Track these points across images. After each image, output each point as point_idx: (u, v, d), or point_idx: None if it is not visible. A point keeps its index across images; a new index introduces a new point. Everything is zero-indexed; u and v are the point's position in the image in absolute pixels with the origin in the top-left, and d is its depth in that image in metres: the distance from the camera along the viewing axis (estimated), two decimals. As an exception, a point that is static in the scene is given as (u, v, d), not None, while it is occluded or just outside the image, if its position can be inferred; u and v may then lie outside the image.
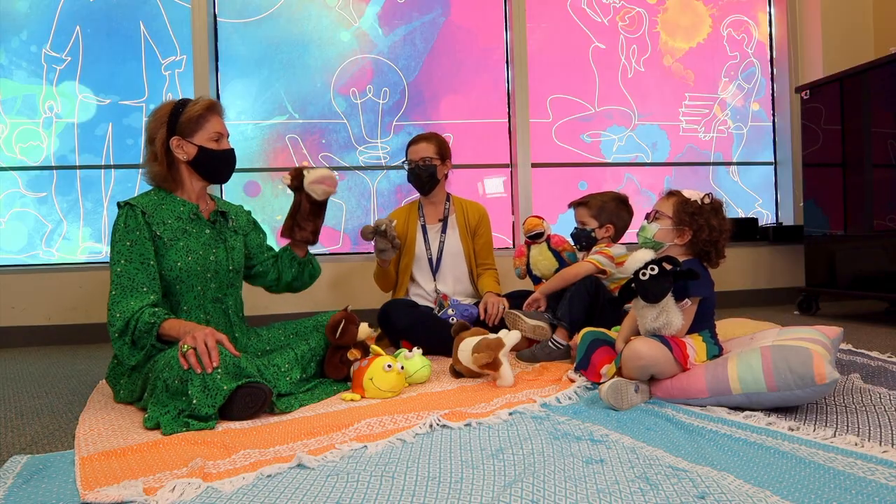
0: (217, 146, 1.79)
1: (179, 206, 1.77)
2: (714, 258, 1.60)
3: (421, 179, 2.47)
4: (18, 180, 3.25)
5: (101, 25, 3.30)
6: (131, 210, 1.69)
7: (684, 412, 1.39)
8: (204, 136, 1.76)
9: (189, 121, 1.74)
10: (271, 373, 1.70)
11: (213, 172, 1.82)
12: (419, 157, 2.46)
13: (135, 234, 1.67)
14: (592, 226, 2.23)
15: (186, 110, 1.74)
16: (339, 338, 1.77)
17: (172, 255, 1.71)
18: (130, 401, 1.68)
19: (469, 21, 3.64)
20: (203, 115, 1.76)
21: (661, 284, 1.42)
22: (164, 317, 1.60)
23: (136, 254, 1.65)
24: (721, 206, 1.62)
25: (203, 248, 1.77)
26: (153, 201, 1.75)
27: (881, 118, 2.83)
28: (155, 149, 1.74)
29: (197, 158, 1.76)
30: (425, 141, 2.48)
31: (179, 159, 1.76)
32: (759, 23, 4.00)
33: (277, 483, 1.06)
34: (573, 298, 2.06)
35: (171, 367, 1.48)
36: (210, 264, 1.78)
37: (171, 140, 1.74)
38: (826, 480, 0.99)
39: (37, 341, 3.09)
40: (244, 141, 3.44)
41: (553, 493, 0.97)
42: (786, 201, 3.96)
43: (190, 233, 1.76)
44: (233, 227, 1.91)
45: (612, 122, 3.80)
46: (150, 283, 1.65)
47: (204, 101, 1.78)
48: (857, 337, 2.39)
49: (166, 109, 1.76)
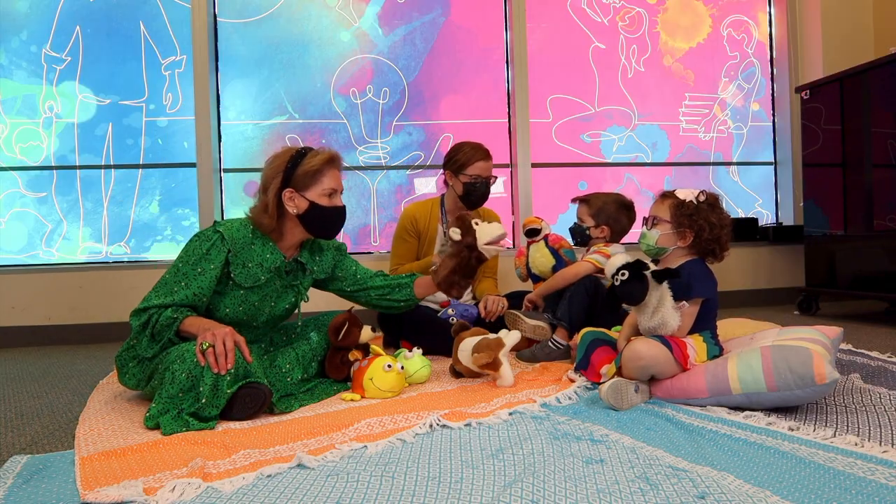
0: (329, 202, 1.72)
1: (268, 255, 1.71)
2: (718, 253, 1.59)
3: (484, 197, 2.40)
4: (18, 180, 3.25)
5: (101, 25, 3.30)
6: (221, 243, 1.64)
7: (684, 412, 1.39)
8: (318, 190, 1.70)
9: (305, 174, 1.68)
10: (273, 374, 1.70)
11: (321, 229, 1.76)
12: (488, 175, 2.38)
13: (208, 267, 1.62)
14: (589, 224, 2.23)
15: (305, 162, 1.69)
16: (341, 340, 1.76)
17: (227, 301, 1.68)
18: (134, 387, 1.66)
19: (469, 21, 3.64)
20: (321, 169, 1.69)
21: (636, 286, 1.45)
22: (186, 314, 1.59)
23: (195, 283, 1.60)
24: (717, 200, 1.60)
25: (262, 301, 1.73)
26: (246, 239, 1.68)
27: (881, 118, 2.83)
28: (267, 199, 1.68)
29: (307, 213, 1.70)
30: (490, 158, 2.40)
31: (289, 212, 1.70)
32: (759, 23, 4.00)
33: (277, 483, 1.06)
34: (573, 298, 2.06)
35: (184, 360, 1.46)
36: (260, 315, 1.75)
37: (284, 192, 1.68)
38: (826, 480, 0.99)
39: (37, 341, 3.09)
40: (244, 141, 3.44)
41: (553, 493, 0.97)
42: (786, 201, 3.96)
43: (261, 285, 1.71)
44: (308, 273, 1.86)
45: (612, 122, 3.80)
46: (189, 305, 1.62)
47: (324, 154, 1.72)
48: (857, 337, 2.39)
49: (284, 158, 1.70)
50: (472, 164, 2.35)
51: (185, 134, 3.37)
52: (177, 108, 3.36)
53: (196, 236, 1.68)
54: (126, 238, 3.33)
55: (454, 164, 2.39)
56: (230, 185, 3.43)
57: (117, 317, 3.13)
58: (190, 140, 3.36)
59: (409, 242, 2.42)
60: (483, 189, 2.38)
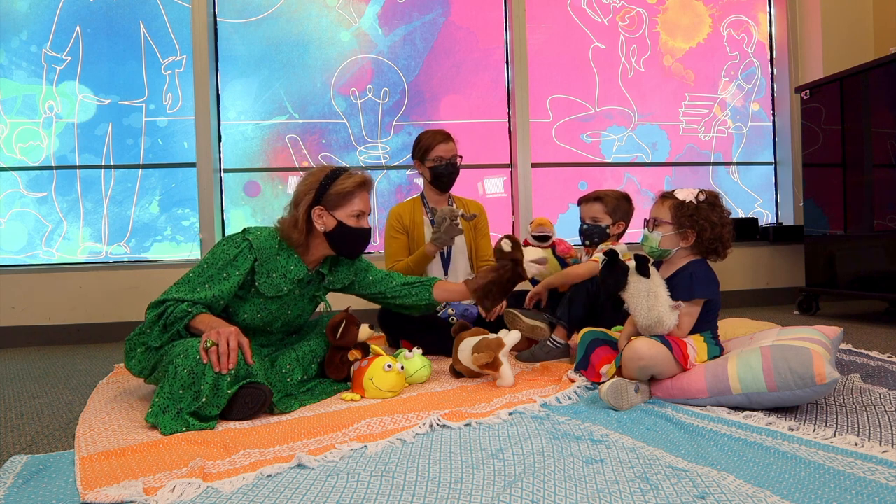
0: (356, 223, 1.77)
1: (293, 266, 1.74)
2: (721, 251, 1.58)
3: (452, 177, 2.48)
4: (18, 180, 3.25)
5: (101, 25, 3.30)
6: (249, 251, 1.68)
7: (684, 412, 1.39)
8: (347, 211, 1.75)
9: (337, 194, 1.73)
10: (274, 374, 1.70)
11: (345, 247, 1.80)
12: (451, 155, 2.45)
13: (233, 273, 1.65)
14: (606, 222, 2.18)
15: (338, 182, 1.74)
16: (339, 338, 1.76)
17: (247, 307, 1.72)
18: (138, 373, 1.66)
19: (469, 21, 3.64)
20: (352, 191, 1.74)
21: (613, 272, 1.51)
22: (200, 310, 1.60)
23: (217, 287, 1.63)
24: (717, 198, 1.59)
25: (280, 309, 1.77)
26: (273, 250, 1.72)
27: (881, 118, 2.83)
28: (297, 214, 1.72)
29: (334, 231, 1.75)
30: (451, 139, 2.48)
31: (317, 228, 1.75)
32: (759, 23, 4.00)
33: (277, 483, 1.06)
34: (574, 298, 2.06)
35: (188, 355, 1.46)
36: (276, 321, 1.79)
37: (314, 209, 1.73)
38: (826, 480, 0.99)
39: (37, 341, 3.09)
40: (244, 141, 3.44)
41: (553, 493, 0.97)
42: (786, 201, 3.96)
43: (282, 295, 1.75)
44: (326, 284, 1.89)
45: (612, 122, 3.80)
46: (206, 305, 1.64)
47: (357, 177, 1.76)
48: (857, 337, 2.39)
49: (319, 176, 1.75)
50: (433, 147, 2.43)
51: (185, 134, 3.37)
52: (177, 108, 3.36)
53: (225, 240, 1.71)
54: (126, 238, 3.33)
55: (419, 151, 2.47)
56: (230, 185, 3.43)
57: (117, 317, 3.13)
58: (190, 140, 3.36)
59: (399, 239, 2.47)
60: (449, 169, 2.45)
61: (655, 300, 1.48)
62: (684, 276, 1.55)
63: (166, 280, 1.85)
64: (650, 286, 1.49)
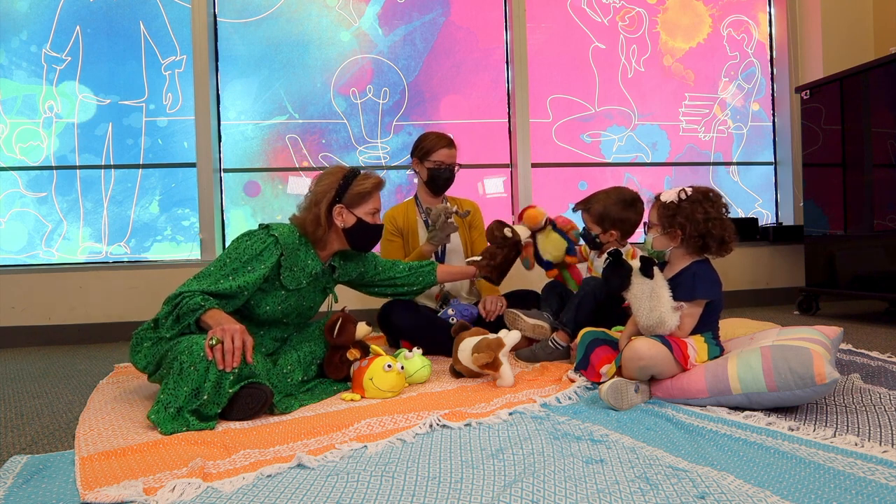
0: (372, 220, 1.89)
1: (310, 261, 1.83)
2: (714, 248, 1.55)
3: (448, 182, 2.52)
4: (18, 180, 3.25)
5: (101, 25, 3.30)
6: (275, 246, 1.74)
7: (684, 412, 1.39)
8: (365, 209, 1.87)
9: (357, 194, 1.85)
10: (275, 374, 1.70)
11: (361, 242, 1.91)
12: (451, 162, 2.49)
13: (259, 267, 1.70)
14: (596, 231, 2.15)
15: (357, 182, 1.86)
16: (336, 337, 1.77)
17: (269, 299, 1.78)
18: (143, 368, 1.65)
19: (469, 21, 3.64)
20: (371, 191, 1.87)
21: (617, 271, 1.52)
22: (213, 305, 1.60)
23: (242, 279, 1.67)
24: (706, 194, 1.56)
25: (297, 301, 1.85)
26: (294, 245, 1.79)
27: (881, 118, 2.83)
28: (319, 211, 1.81)
29: (353, 228, 1.86)
30: (454, 146, 2.52)
31: (336, 225, 1.85)
32: (759, 23, 4.00)
33: (277, 483, 1.06)
34: (582, 303, 2.03)
35: (192, 352, 1.46)
36: (292, 312, 1.85)
37: (334, 207, 1.83)
38: (826, 480, 0.99)
39: (37, 341, 3.08)
40: (244, 141, 3.44)
41: (553, 493, 0.97)
42: (786, 201, 3.96)
43: (301, 288, 1.83)
44: (336, 276, 1.98)
45: (612, 122, 3.80)
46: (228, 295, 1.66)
47: (375, 179, 1.89)
48: (857, 337, 2.39)
49: (338, 176, 1.85)
50: (436, 150, 2.47)
51: (185, 134, 3.37)
52: (177, 108, 3.36)
53: (247, 236, 1.76)
54: (126, 238, 3.33)
55: (420, 151, 2.49)
56: (230, 185, 3.43)
57: (117, 317, 3.13)
58: (190, 140, 3.35)
59: (394, 242, 2.49)
60: (447, 174, 2.49)
61: (658, 301, 1.48)
62: (687, 277, 1.55)
63: (166, 280, 1.86)
64: (653, 287, 1.49)
